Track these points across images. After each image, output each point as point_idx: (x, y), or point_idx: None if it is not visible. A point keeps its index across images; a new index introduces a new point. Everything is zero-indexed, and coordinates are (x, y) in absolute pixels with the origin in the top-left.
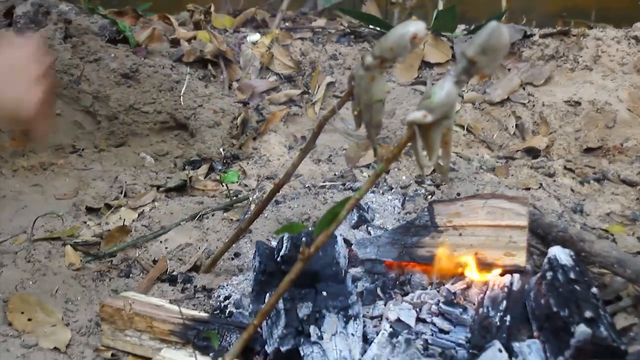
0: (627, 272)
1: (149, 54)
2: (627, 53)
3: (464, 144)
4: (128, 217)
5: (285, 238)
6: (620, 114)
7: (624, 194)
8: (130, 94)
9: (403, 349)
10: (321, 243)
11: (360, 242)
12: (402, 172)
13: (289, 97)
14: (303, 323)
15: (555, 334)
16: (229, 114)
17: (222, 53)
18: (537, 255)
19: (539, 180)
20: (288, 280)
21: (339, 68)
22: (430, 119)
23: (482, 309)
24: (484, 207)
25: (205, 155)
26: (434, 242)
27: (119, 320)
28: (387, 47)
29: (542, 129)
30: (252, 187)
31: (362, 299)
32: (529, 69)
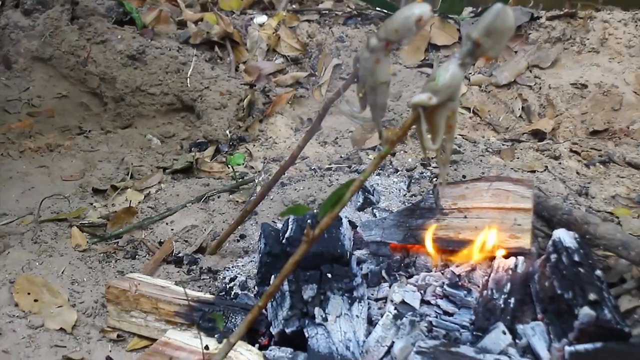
0: (632, 255)
1: (156, 35)
2: (634, 35)
3: (470, 127)
4: (134, 198)
5: (290, 220)
6: (626, 97)
7: (629, 177)
8: (137, 76)
9: (407, 330)
10: (326, 225)
11: (365, 224)
12: (408, 155)
13: (296, 79)
14: (308, 305)
15: (559, 316)
16: (235, 96)
17: (229, 35)
18: (541, 238)
19: (544, 163)
20: (293, 262)
21: (345, 50)
22: (435, 101)
23: (486, 291)
24: (489, 189)
25: (211, 137)
26: (439, 224)
27: (125, 301)
28: (392, 29)
29: (549, 112)
30: (258, 169)
31: (367, 281)
32: (536, 52)
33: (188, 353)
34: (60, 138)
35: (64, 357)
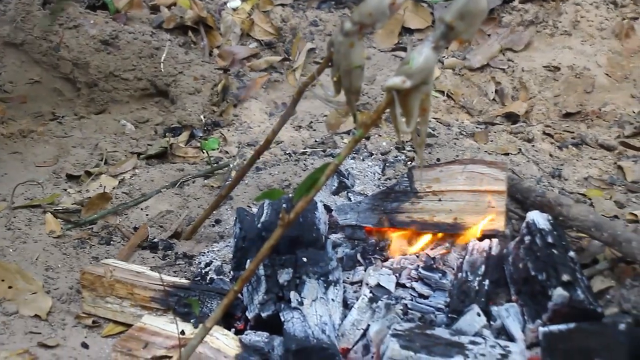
0: (604, 236)
1: (129, 20)
2: (606, 18)
3: (444, 110)
4: (108, 184)
5: (265, 204)
6: (598, 79)
7: (601, 159)
8: (110, 61)
9: (383, 313)
10: (301, 209)
11: (340, 208)
12: (383, 139)
13: (270, 63)
14: (283, 289)
15: (533, 297)
16: (209, 81)
17: (203, 19)
18: (515, 220)
19: (518, 146)
20: (268, 246)
21: (319, 34)
22: (409, 84)
23: (461, 273)
24: (463, 172)
25: (185, 122)
26: (414, 207)
27: (100, 287)
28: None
29: (522, 95)
30: (232, 154)
31: (342, 264)
32: (509, 35)
33: (164, 338)
34: (33, 124)
35: (38, 343)
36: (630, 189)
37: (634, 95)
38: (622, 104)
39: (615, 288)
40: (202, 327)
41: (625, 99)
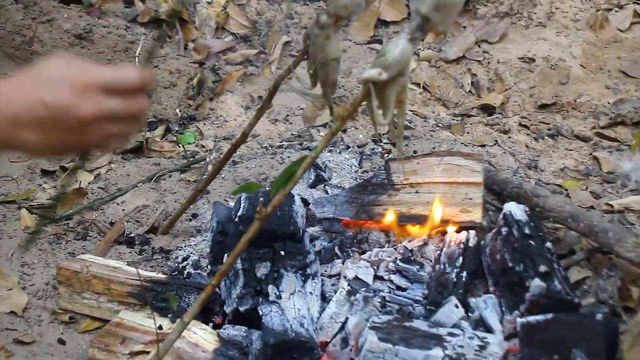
0: (580, 226)
1: (103, 14)
2: (580, 9)
3: (420, 102)
4: (84, 179)
5: (242, 198)
6: (573, 70)
7: (577, 150)
8: (85, 55)
9: (361, 306)
10: (278, 202)
11: (317, 201)
12: (359, 131)
13: (245, 57)
14: (261, 282)
15: (510, 288)
16: (185, 75)
17: (177, 13)
18: (492, 212)
19: (494, 137)
20: (245, 240)
21: (295, 27)
22: (385, 76)
23: (438, 265)
24: (440, 164)
25: (161, 116)
26: (391, 200)
27: (76, 283)
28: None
29: (497, 86)
30: (209, 148)
31: (320, 257)
32: (484, 27)
33: (141, 333)
34: None
35: (14, 340)
36: (605, 180)
37: (608, 86)
38: (597, 95)
39: (592, 278)
40: (179, 322)
41: (600, 90)
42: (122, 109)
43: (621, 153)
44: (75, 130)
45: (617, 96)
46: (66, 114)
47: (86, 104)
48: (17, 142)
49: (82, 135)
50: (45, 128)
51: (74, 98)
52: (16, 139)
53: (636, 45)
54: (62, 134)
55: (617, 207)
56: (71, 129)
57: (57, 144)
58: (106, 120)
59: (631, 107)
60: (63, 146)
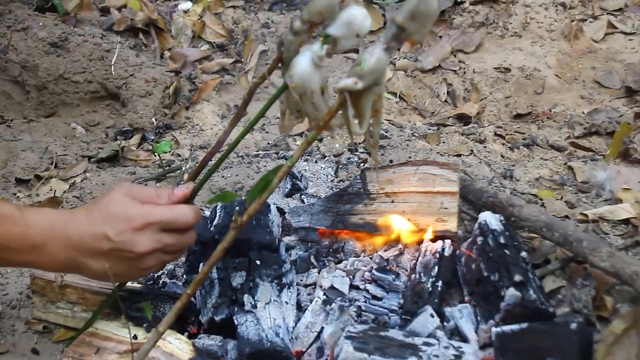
0: (555, 236)
1: (79, 22)
2: (555, 20)
3: (396, 112)
4: (59, 188)
5: (218, 207)
6: (548, 80)
7: (552, 159)
8: (60, 64)
9: (336, 316)
10: (254, 211)
11: (293, 210)
12: (335, 141)
13: (222, 66)
14: (237, 292)
15: (485, 298)
16: (161, 83)
17: (153, 21)
18: (468, 221)
19: (469, 147)
20: (221, 249)
21: (271, 36)
22: (361, 85)
23: (414, 275)
24: (416, 173)
25: (137, 125)
26: (367, 209)
27: (51, 292)
28: (316, 11)
29: (473, 96)
30: (184, 157)
31: (296, 267)
32: (460, 36)
33: (116, 343)
34: None
35: None
36: (580, 189)
37: (583, 96)
38: (572, 105)
39: (567, 288)
40: (154, 332)
41: (575, 100)
42: (176, 243)
43: (596, 163)
44: (133, 260)
45: (591, 106)
46: (126, 248)
47: (145, 241)
48: (80, 267)
49: (139, 264)
50: (107, 258)
51: (135, 235)
52: (79, 264)
53: (610, 56)
54: (121, 263)
55: (591, 216)
56: (130, 259)
57: (117, 271)
58: (162, 251)
59: (605, 117)
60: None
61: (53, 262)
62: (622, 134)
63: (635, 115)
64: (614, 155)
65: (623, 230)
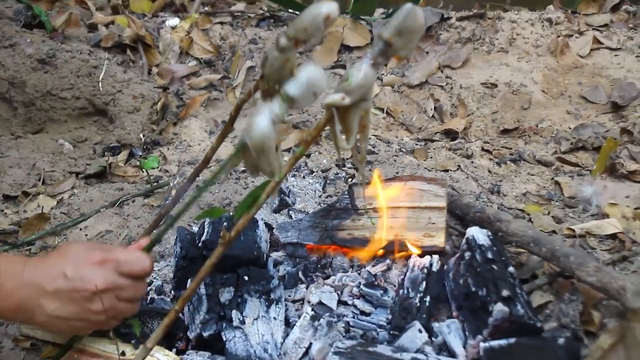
0: (543, 251)
1: (66, 39)
2: (541, 35)
3: (383, 127)
4: (46, 204)
5: (206, 223)
6: (535, 96)
7: (539, 174)
8: (48, 80)
9: (325, 331)
10: (242, 227)
11: (281, 225)
12: (323, 156)
13: (209, 81)
14: (225, 308)
15: (473, 313)
16: (148, 100)
17: (141, 38)
18: (455, 236)
19: (457, 162)
20: (209, 264)
21: (258, 52)
22: (348, 101)
23: (402, 290)
24: (403, 188)
25: (124, 141)
26: (355, 224)
27: None
28: (301, 27)
29: (460, 111)
30: (172, 173)
31: (284, 282)
32: (447, 52)
33: None
34: None
35: None
36: (567, 204)
37: (569, 112)
38: (558, 120)
39: (554, 302)
40: (142, 348)
41: (561, 115)
42: (129, 288)
43: (582, 178)
44: (87, 301)
45: (578, 121)
46: (82, 286)
47: (101, 277)
48: (33, 310)
49: (91, 305)
50: (63, 298)
51: (92, 271)
52: (33, 306)
53: (596, 71)
54: (73, 305)
55: (578, 231)
56: (84, 300)
57: (68, 314)
58: (115, 294)
59: (592, 132)
60: (71, 317)
61: (6, 305)
62: (608, 149)
63: (621, 130)
64: (600, 170)
65: (610, 245)
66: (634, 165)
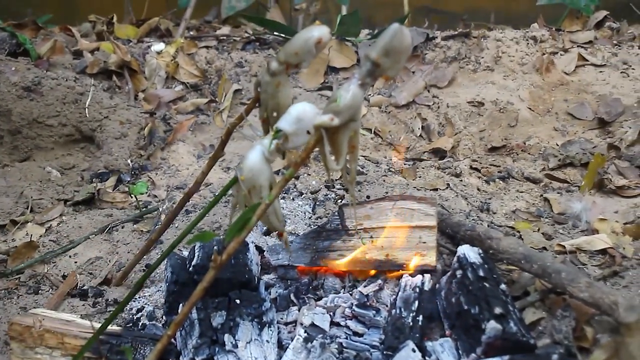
0: (534, 268)
1: (52, 66)
2: (526, 53)
3: (372, 147)
4: (35, 232)
5: (197, 247)
6: (522, 113)
7: (528, 191)
8: (34, 108)
9: (318, 353)
10: (233, 250)
11: (272, 248)
12: (312, 177)
13: (196, 106)
14: (217, 332)
15: (466, 331)
16: (135, 125)
17: (127, 63)
18: (446, 255)
19: (446, 181)
20: (201, 289)
21: (245, 75)
22: (337, 122)
23: (394, 310)
24: (393, 208)
25: (112, 167)
26: (345, 245)
27: (29, 338)
28: (292, 52)
29: (448, 130)
30: (161, 198)
31: (276, 305)
32: (433, 71)
33: None
34: None
35: None
36: (557, 221)
37: (556, 128)
38: (546, 137)
39: (547, 319)
40: None
41: (549, 132)
42: None
43: (571, 194)
44: None
45: (565, 138)
46: None
47: None
48: None
49: None
50: None
51: None
52: None
53: (582, 88)
54: None
55: (569, 247)
56: None
57: None
58: None
59: (579, 149)
60: None
61: None
62: (596, 164)
63: (608, 146)
64: (589, 186)
65: (600, 261)
66: (622, 180)
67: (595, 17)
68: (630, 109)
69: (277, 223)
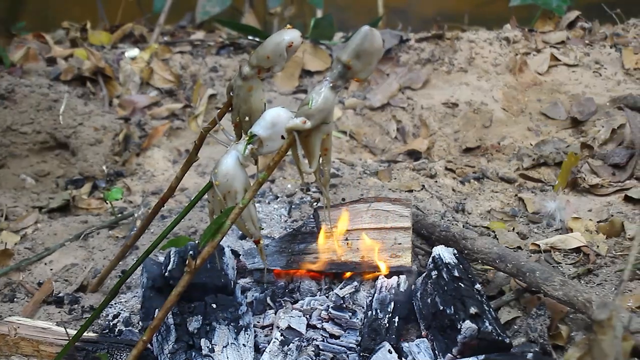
0: (508, 267)
1: (25, 73)
2: (500, 54)
3: (347, 150)
4: (10, 240)
5: (172, 252)
6: (496, 114)
7: (502, 191)
8: (7, 115)
9: (295, 356)
10: (207, 254)
11: (248, 252)
12: (288, 181)
13: (171, 111)
14: (194, 337)
15: (442, 331)
16: (110, 131)
17: (101, 70)
18: (422, 256)
19: (421, 182)
20: (176, 293)
21: (220, 80)
22: (309, 124)
23: (370, 311)
24: (369, 210)
25: (87, 173)
26: (321, 248)
27: (4, 346)
28: (264, 56)
29: (422, 132)
30: (137, 203)
31: (252, 309)
32: (407, 73)
33: None
34: None
35: None
36: (531, 220)
37: (530, 128)
38: (520, 137)
39: (522, 318)
40: None
41: (522, 132)
42: None
43: (545, 193)
44: None
45: (538, 138)
46: None
47: None
48: None
49: None
50: None
51: None
52: None
53: (555, 88)
54: None
55: (543, 246)
56: None
57: None
58: None
59: (553, 148)
60: None
61: None
62: (569, 164)
63: (581, 145)
64: (562, 185)
65: (575, 259)
66: (595, 179)
67: (568, 17)
68: (603, 108)
69: (253, 229)
